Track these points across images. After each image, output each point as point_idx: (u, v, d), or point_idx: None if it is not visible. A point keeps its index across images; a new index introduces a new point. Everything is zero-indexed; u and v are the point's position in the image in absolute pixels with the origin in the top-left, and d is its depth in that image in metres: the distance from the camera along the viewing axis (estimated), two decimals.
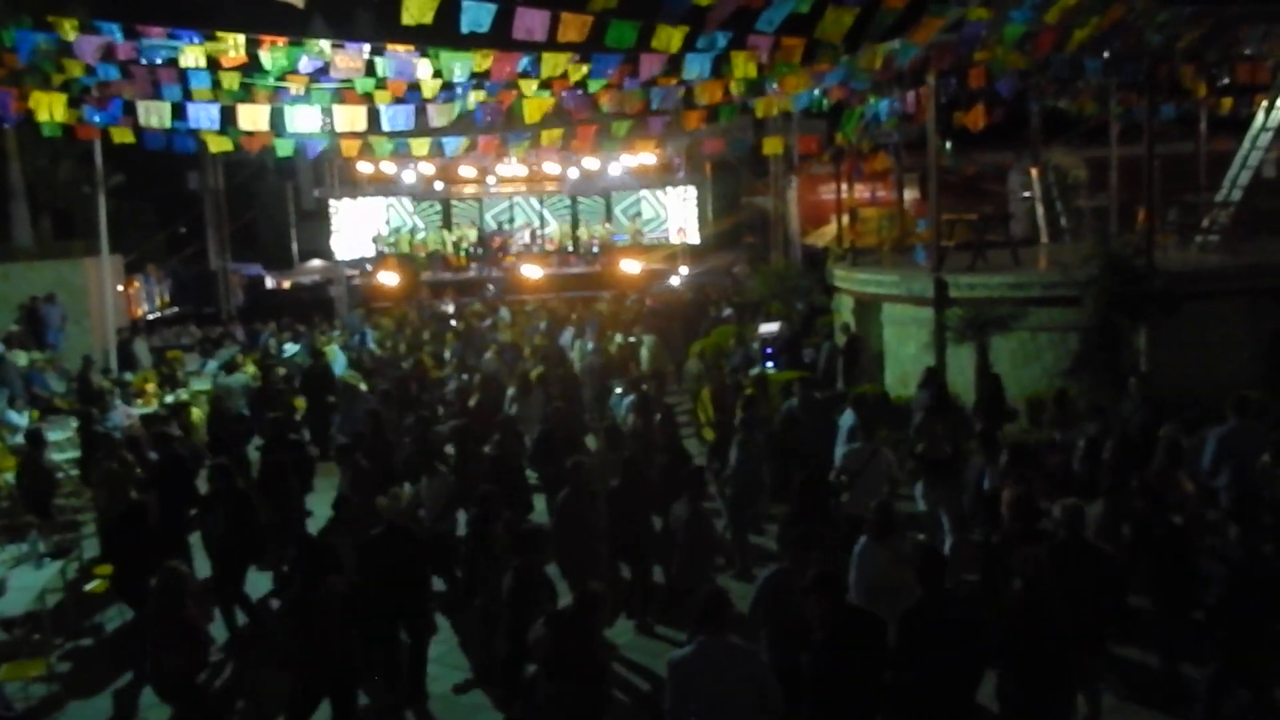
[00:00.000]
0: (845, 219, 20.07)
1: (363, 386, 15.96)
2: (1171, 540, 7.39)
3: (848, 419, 10.71)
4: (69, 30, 12.77)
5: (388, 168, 31.92)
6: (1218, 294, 13.33)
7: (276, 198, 31.43)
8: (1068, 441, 9.97)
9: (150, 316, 27.53)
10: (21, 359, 17.20)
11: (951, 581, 6.42)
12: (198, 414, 13.51)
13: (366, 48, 14.00)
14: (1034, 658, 5.87)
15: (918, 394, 12.46)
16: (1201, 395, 11.00)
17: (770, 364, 16.51)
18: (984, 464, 9.27)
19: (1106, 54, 15.08)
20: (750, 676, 5.51)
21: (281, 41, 13.52)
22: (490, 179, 32.85)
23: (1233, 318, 13.24)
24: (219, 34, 13.34)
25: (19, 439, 13.67)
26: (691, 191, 33.22)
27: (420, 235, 32.94)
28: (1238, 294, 13.36)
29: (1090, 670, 6.85)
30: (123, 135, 15.57)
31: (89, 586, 10.10)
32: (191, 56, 13.49)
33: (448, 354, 19.04)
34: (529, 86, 15.15)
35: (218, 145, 16.61)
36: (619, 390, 14.27)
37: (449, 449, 11.74)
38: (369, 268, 31.56)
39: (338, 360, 17.91)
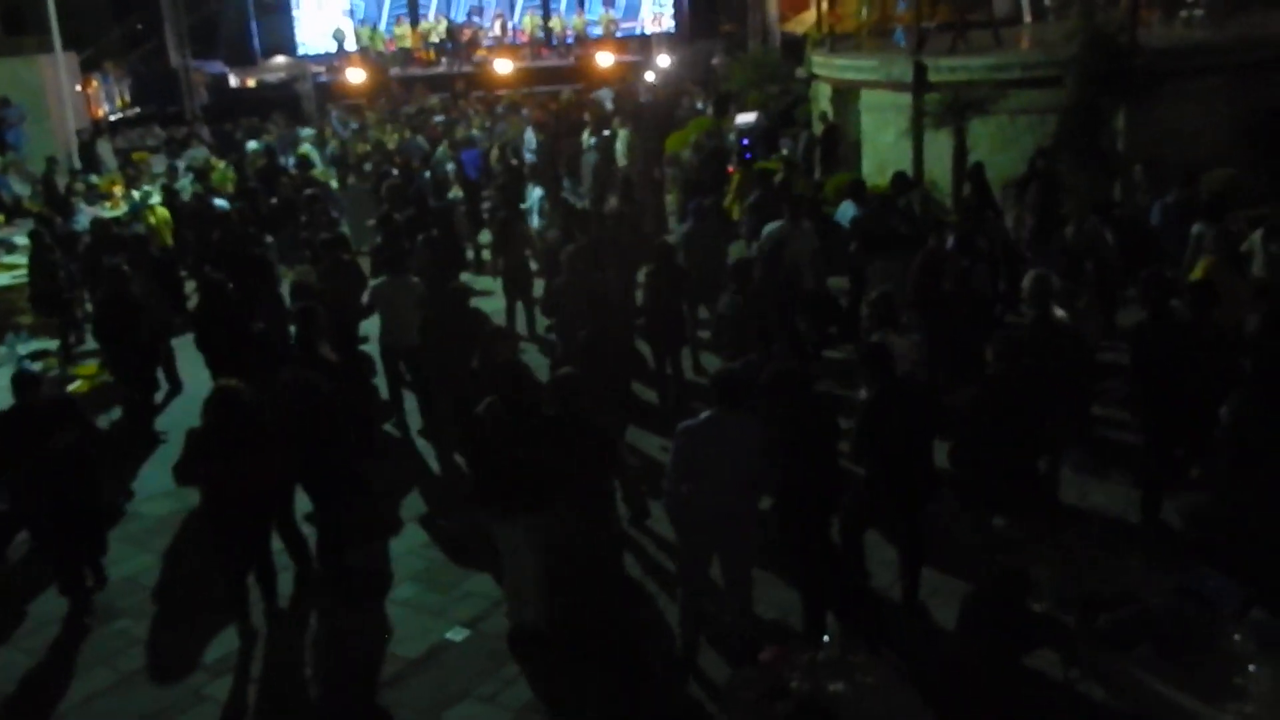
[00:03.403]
0: (825, 3, 19.30)
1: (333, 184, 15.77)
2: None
3: (847, 210, 11.02)
4: None
5: None
6: (1201, 70, 12.99)
7: None
8: None
9: (112, 117, 26.68)
10: None
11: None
12: (163, 213, 13.32)
13: None
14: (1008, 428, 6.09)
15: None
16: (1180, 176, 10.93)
17: (747, 155, 16.25)
18: None
19: None
20: (751, 450, 5.70)
21: None
22: None
23: (1216, 95, 12.93)
24: None
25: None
26: None
27: (385, 28, 31.61)
28: (1221, 70, 13.01)
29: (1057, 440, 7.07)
30: None
31: (72, 387, 10.24)
32: None
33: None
34: None
35: None
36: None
37: None
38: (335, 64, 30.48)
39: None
